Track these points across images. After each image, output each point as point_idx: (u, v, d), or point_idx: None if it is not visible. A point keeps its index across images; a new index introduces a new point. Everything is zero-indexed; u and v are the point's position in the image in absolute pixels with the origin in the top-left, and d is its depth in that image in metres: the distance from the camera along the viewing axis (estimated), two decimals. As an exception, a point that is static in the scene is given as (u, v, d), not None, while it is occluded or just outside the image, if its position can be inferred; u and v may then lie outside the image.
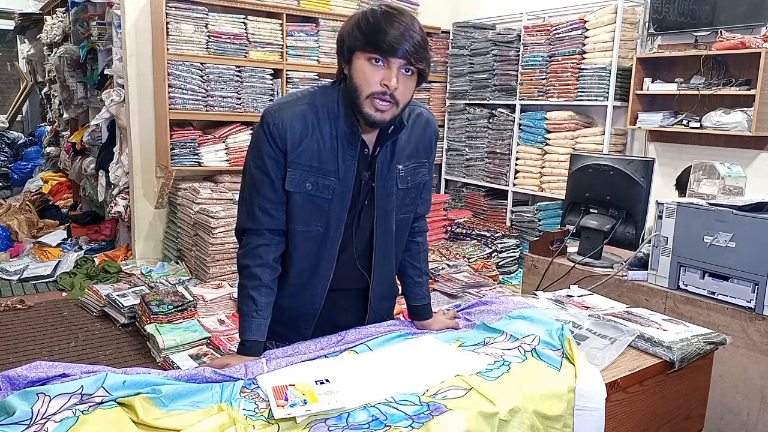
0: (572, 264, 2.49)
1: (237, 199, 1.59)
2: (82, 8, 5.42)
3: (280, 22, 4.51)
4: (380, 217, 1.53)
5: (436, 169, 5.68)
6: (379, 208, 1.52)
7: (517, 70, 4.81)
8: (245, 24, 4.39)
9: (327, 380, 1.22)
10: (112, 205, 4.78)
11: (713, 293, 2.08)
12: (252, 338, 1.45)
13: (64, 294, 4.30)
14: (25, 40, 8.85)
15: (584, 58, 4.36)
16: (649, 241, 2.27)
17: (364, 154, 1.47)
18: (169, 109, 4.17)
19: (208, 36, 4.27)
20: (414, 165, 1.56)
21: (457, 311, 1.74)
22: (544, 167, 4.71)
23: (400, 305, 3.46)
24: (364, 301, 1.63)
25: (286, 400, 1.14)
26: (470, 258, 4.53)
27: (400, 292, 1.76)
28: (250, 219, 1.50)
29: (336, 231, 1.49)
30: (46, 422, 1.01)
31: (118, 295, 3.81)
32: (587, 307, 1.81)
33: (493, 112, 5.09)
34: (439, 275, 4.17)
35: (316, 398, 1.15)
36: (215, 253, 3.98)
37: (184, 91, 4.21)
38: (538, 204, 4.82)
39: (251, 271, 1.48)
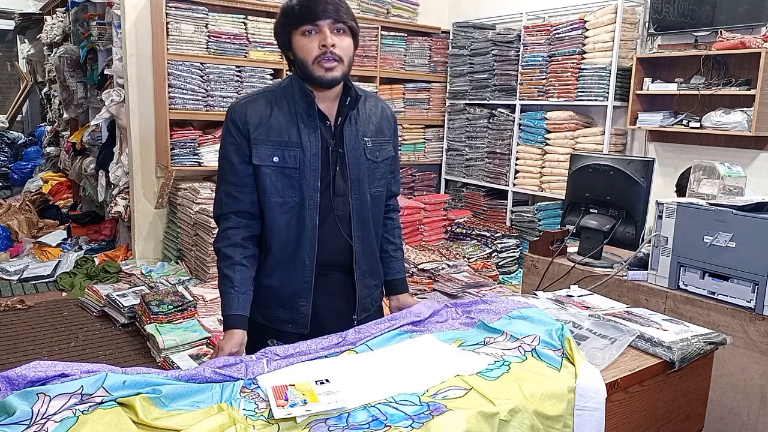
0: (572, 264, 2.49)
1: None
2: (82, 8, 5.43)
3: (280, 22, 4.51)
4: (353, 185, 1.62)
5: (436, 169, 5.70)
6: (352, 175, 1.62)
7: (517, 70, 4.81)
8: (245, 24, 4.39)
9: (327, 380, 1.22)
10: (112, 205, 4.78)
11: (713, 293, 2.08)
12: (232, 312, 1.53)
13: (64, 294, 4.30)
14: (25, 40, 8.85)
15: (584, 58, 4.36)
16: (649, 241, 2.27)
17: (327, 125, 1.59)
18: (169, 109, 4.17)
19: (208, 36, 4.27)
20: (381, 141, 1.69)
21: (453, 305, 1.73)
22: (544, 167, 4.71)
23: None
24: (352, 283, 1.68)
25: (286, 400, 1.14)
26: (470, 258, 4.53)
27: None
28: (218, 205, 1.62)
29: (311, 199, 1.58)
30: (46, 422, 1.01)
31: (118, 295, 3.81)
32: (587, 307, 1.81)
33: (493, 112, 5.09)
34: (439, 275, 4.17)
35: (316, 398, 1.15)
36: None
37: (184, 91, 4.21)
38: (538, 204, 4.82)
39: (223, 252, 1.59)
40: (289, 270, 1.60)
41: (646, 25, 4.18)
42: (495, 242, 4.75)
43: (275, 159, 1.55)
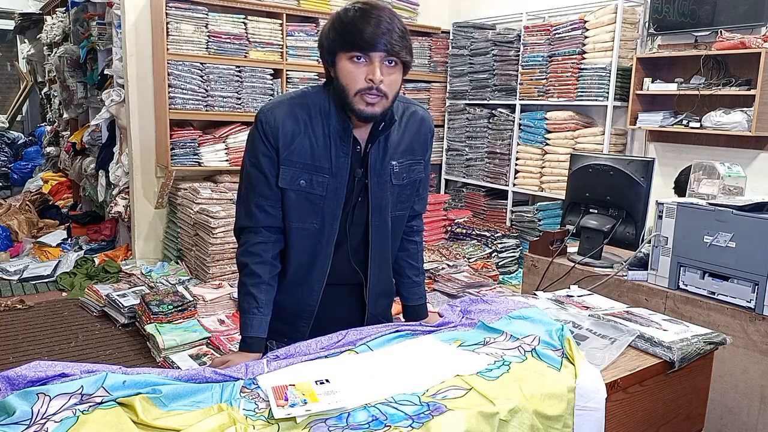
0: (572, 264, 2.49)
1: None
2: (82, 8, 5.43)
3: (280, 22, 4.51)
4: (375, 213, 1.54)
5: (436, 169, 5.68)
6: (374, 204, 1.53)
7: (517, 70, 4.81)
8: (245, 24, 4.39)
9: (327, 380, 1.22)
10: (112, 205, 4.78)
11: (713, 293, 2.08)
12: (253, 335, 1.47)
13: (64, 294, 4.30)
14: (25, 40, 8.85)
15: (584, 58, 4.36)
16: (649, 241, 2.27)
17: (356, 151, 1.49)
18: (169, 109, 4.17)
19: (208, 36, 4.27)
20: (410, 162, 1.57)
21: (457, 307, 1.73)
22: (544, 167, 4.71)
23: (398, 304, 3.48)
24: (361, 298, 1.64)
25: (286, 400, 1.14)
26: (470, 258, 4.53)
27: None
28: (247, 217, 1.52)
29: (331, 227, 1.51)
30: (46, 422, 1.01)
31: (118, 295, 3.81)
32: (587, 307, 1.81)
33: (493, 112, 5.09)
34: (439, 275, 4.17)
35: (316, 398, 1.15)
36: (215, 253, 3.98)
37: (184, 91, 4.21)
38: (538, 204, 4.82)
39: (250, 268, 1.49)
40: (296, 292, 1.56)
41: (646, 25, 4.18)
42: (495, 242, 4.75)
43: (302, 183, 1.46)
